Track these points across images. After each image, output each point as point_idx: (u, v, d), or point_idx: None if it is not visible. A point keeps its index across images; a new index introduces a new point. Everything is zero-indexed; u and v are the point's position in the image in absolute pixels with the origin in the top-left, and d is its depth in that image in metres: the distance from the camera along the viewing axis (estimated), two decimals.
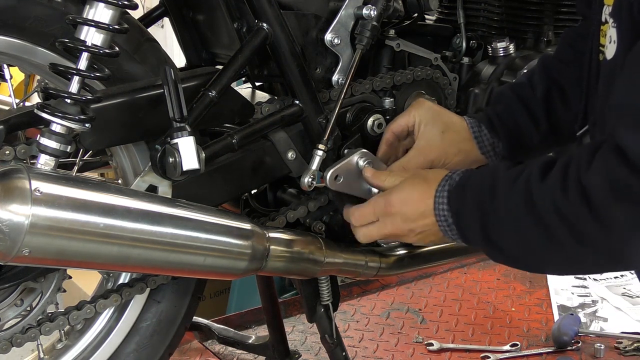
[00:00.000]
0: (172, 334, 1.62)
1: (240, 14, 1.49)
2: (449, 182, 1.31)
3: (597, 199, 1.09)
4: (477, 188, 1.27)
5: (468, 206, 1.27)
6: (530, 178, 1.19)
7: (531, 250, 1.22)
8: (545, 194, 1.16)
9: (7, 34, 1.32)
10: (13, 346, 1.44)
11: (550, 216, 1.14)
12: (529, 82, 1.55)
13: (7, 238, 1.19)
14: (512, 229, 1.21)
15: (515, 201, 1.19)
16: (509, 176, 1.23)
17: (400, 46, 1.68)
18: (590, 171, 1.10)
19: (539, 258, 1.23)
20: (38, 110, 1.28)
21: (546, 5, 1.81)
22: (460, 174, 1.32)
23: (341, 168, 1.48)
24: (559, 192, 1.13)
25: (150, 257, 1.33)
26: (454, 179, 1.31)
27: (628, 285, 2.53)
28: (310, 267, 1.55)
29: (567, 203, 1.12)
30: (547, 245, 1.18)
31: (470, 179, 1.29)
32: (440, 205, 1.31)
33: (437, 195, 1.31)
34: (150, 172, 1.39)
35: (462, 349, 2.20)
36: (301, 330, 2.31)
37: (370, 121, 1.60)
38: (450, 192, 1.30)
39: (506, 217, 1.21)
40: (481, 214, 1.24)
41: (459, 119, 1.54)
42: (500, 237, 1.24)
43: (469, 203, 1.27)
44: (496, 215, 1.22)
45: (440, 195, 1.31)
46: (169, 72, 1.29)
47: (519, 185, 1.20)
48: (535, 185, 1.17)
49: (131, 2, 1.29)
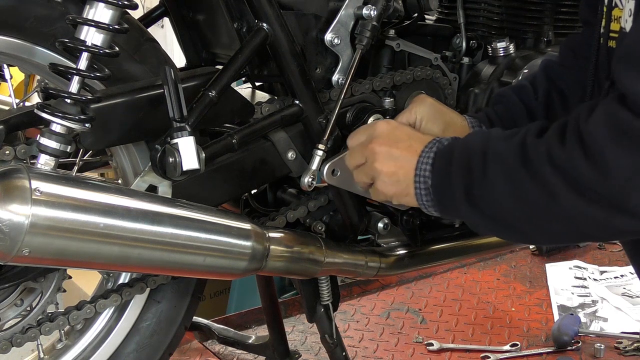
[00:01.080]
0: (172, 334, 1.62)
1: (240, 14, 1.49)
2: (437, 145, 1.30)
3: (597, 144, 1.06)
4: (466, 149, 1.25)
5: (453, 168, 1.24)
6: (525, 135, 1.17)
7: (521, 210, 1.18)
8: (540, 147, 1.13)
9: (7, 34, 1.32)
10: (13, 346, 1.44)
11: (544, 168, 1.12)
12: (531, 85, 1.55)
13: (7, 238, 1.19)
14: (502, 188, 1.18)
15: (508, 157, 1.17)
16: (503, 136, 1.21)
17: (400, 46, 1.68)
18: (591, 119, 1.08)
19: (530, 219, 1.18)
20: (38, 110, 1.28)
21: (546, 6, 1.81)
22: (450, 139, 1.31)
23: (338, 162, 1.49)
24: (554, 143, 1.11)
25: (150, 257, 1.33)
26: (442, 143, 1.30)
27: (628, 285, 2.53)
28: (310, 267, 1.55)
29: (562, 152, 1.10)
30: (540, 202, 1.14)
31: (459, 142, 1.28)
32: (423, 166, 1.29)
33: (422, 154, 1.30)
34: (150, 172, 1.39)
35: (462, 349, 2.20)
36: (301, 330, 2.31)
37: (370, 121, 1.60)
38: (436, 153, 1.29)
39: (496, 175, 1.18)
40: (467, 174, 1.22)
41: (460, 118, 1.53)
42: (486, 198, 1.20)
43: (455, 162, 1.24)
44: (484, 173, 1.20)
45: (426, 156, 1.29)
46: (169, 72, 1.29)
47: (513, 142, 1.18)
48: (530, 140, 1.15)
49: (131, 2, 1.29)
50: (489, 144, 1.22)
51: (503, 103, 1.55)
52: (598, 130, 1.07)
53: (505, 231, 1.27)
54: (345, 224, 1.64)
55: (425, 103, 1.51)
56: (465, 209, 1.24)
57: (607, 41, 1.28)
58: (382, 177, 1.34)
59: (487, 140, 1.23)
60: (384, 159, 1.33)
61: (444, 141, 1.31)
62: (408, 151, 1.31)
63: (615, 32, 1.24)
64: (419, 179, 1.30)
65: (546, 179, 1.12)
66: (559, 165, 1.11)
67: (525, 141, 1.17)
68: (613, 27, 1.25)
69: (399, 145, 1.33)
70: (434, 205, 1.30)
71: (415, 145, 1.32)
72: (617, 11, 1.24)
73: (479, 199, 1.22)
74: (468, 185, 1.22)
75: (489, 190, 1.20)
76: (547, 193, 1.13)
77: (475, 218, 1.25)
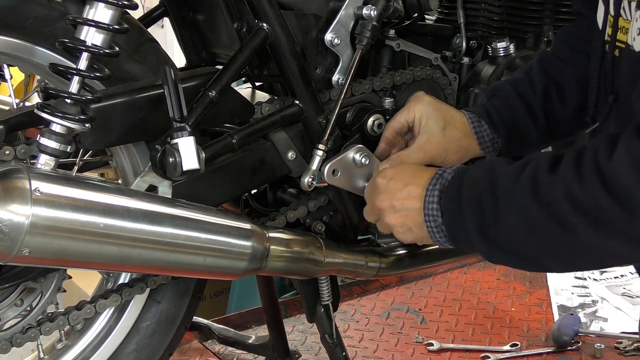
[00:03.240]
0: (172, 334, 1.62)
1: (240, 14, 1.49)
2: (439, 180, 1.29)
3: (622, 184, 1.05)
4: (473, 186, 1.24)
5: (464, 206, 1.24)
6: (536, 171, 1.15)
7: (539, 246, 1.18)
8: (555, 184, 1.12)
9: (7, 34, 1.32)
10: (13, 346, 1.44)
11: (563, 206, 1.10)
12: (528, 78, 1.54)
13: (7, 238, 1.19)
14: (517, 225, 1.17)
15: (521, 195, 1.16)
16: (510, 172, 1.20)
17: (400, 46, 1.68)
18: (614, 157, 1.06)
19: (548, 254, 1.19)
20: (38, 110, 1.28)
21: (546, 5, 1.81)
22: (452, 172, 1.30)
23: (339, 162, 1.49)
24: (572, 180, 1.10)
25: (150, 257, 1.33)
26: (445, 178, 1.29)
27: (628, 285, 2.53)
28: (310, 267, 1.55)
29: (582, 190, 1.08)
30: (560, 239, 1.14)
31: (465, 176, 1.27)
32: (430, 205, 1.29)
33: (427, 195, 1.29)
34: (150, 172, 1.39)
35: (462, 349, 2.20)
36: (301, 330, 2.31)
37: (370, 121, 1.60)
38: (441, 191, 1.28)
39: (510, 214, 1.17)
40: (479, 213, 1.21)
41: (459, 114, 1.53)
42: (502, 235, 1.20)
43: (465, 202, 1.24)
44: (497, 212, 1.19)
45: (431, 194, 1.29)
46: (169, 72, 1.29)
47: (524, 179, 1.16)
48: (543, 176, 1.14)
49: (131, 2, 1.29)
50: (498, 182, 1.20)
51: (500, 97, 1.54)
52: (622, 170, 1.05)
53: (523, 264, 1.27)
54: (345, 224, 1.64)
55: (423, 101, 1.51)
56: (481, 245, 1.24)
57: (613, 50, 1.26)
58: (396, 229, 1.35)
59: (494, 177, 1.21)
60: (390, 214, 1.34)
61: (447, 175, 1.29)
62: (408, 199, 1.31)
63: (622, 43, 1.23)
64: (428, 218, 1.29)
65: (566, 218, 1.11)
66: (579, 203, 1.09)
67: (537, 178, 1.15)
68: (620, 37, 1.24)
69: (398, 197, 1.33)
70: (447, 241, 1.30)
71: (415, 191, 1.31)
72: (623, 21, 1.22)
73: (494, 237, 1.21)
74: (482, 224, 1.21)
75: (504, 230, 1.19)
76: (568, 231, 1.12)
77: (492, 253, 1.25)
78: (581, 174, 1.10)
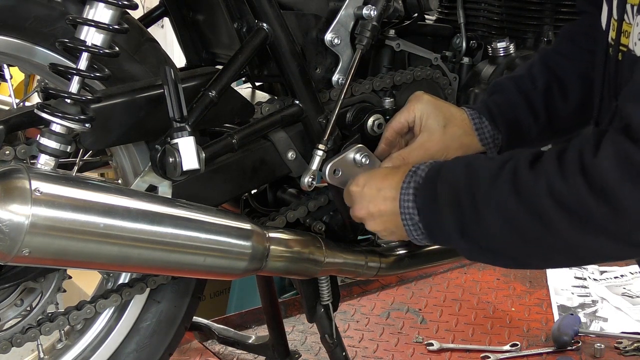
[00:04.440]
0: (172, 334, 1.62)
1: (240, 14, 1.49)
2: (414, 178, 1.29)
3: (607, 181, 1.04)
4: (450, 182, 1.23)
5: (440, 203, 1.23)
6: (516, 167, 1.15)
7: (518, 242, 1.16)
8: (537, 180, 1.11)
9: (7, 34, 1.32)
10: (13, 346, 1.44)
11: (544, 203, 1.10)
12: (529, 74, 1.53)
13: (7, 238, 1.19)
14: (495, 222, 1.16)
15: (500, 192, 1.15)
16: (490, 167, 1.19)
17: (400, 46, 1.68)
18: (599, 154, 1.06)
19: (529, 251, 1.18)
20: (38, 110, 1.28)
21: (546, 5, 1.81)
22: (426, 168, 1.29)
23: (339, 162, 1.49)
24: (554, 177, 1.09)
25: (150, 257, 1.33)
26: (419, 175, 1.28)
27: (628, 285, 2.53)
28: (310, 267, 1.55)
29: (564, 186, 1.08)
30: (541, 236, 1.13)
31: (440, 173, 1.25)
32: (406, 204, 1.28)
33: (402, 193, 1.29)
34: (150, 172, 1.39)
35: (462, 349, 2.20)
36: (301, 330, 2.31)
37: (370, 121, 1.60)
38: (416, 189, 1.27)
39: (489, 211, 1.16)
40: (457, 210, 1.20)
41: (459, 111, 1.52)
42: (480, 232, 1.19)
43: (442, 199, 1.23)
44: (476, 209, 1.18)
45: (405, 192, 1.28)
46: (169, 72, 1.29)
47: (503, 176, 1.15)
48: (523, 173, 1.13)
49: (131, 2, 1.29)
50: (478, 179, 1.19)
51: (501, 93, 1.54)
52: (607, 167, 1.05)
53: (503, 262, 1.26)
54: (345, 224, 1.64)
55: (423, 100, 1.51)
56: (460, 243, 1.23)
57: (616, 54, 1.26)
58: (380, 233, 1.38)
59: (472, 173, 1.21)
60: (370, 221, 1.37)
61: (420, 172, 1.29)
62: (383, 204, 1.32)
63: (625, 47, 1.22)
64: (405, 217, 1.29)
65: (547, 214, 1.10)
66: (561, 200, 1.09)
67: (517, 174, 1.14)
68: (623, 41, 1.23)
69: (374, 203, 1.33)
70: (425, 238, 1.30)
71: (389, 193, 1.31)
72: (626, 25, 1.22)
73: (473, 235, 1.20)
74: (460, 222, 1.21)
75: (484, 227, 1.19)
76: (549, 227, 1.11)
77: (471, 251, 1.24)
78: (564, 171, 1.09)
